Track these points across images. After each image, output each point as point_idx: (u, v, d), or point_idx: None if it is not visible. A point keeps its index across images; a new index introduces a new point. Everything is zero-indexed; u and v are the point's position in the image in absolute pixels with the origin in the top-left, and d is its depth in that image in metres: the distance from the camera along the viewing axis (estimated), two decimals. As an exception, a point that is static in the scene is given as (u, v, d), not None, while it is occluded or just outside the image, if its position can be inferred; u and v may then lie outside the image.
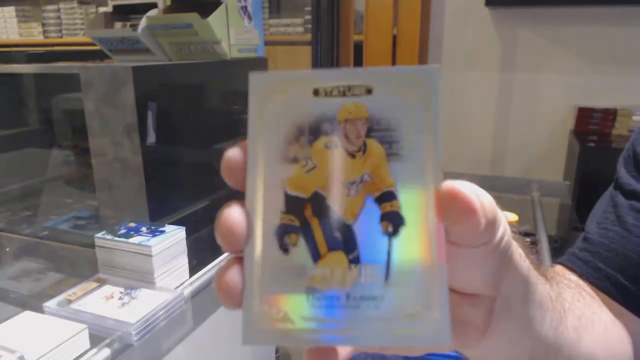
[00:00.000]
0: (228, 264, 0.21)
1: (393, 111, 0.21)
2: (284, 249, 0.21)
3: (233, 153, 0.21)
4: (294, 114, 0.21)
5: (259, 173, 0.21)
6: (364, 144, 0.21)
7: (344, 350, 0.23)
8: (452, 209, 0.20)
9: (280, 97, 0.22)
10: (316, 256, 0.21)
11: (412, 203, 0.20)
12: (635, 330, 0.44)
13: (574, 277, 0.46)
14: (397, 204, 0.20)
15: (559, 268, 0.48)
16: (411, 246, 0.20)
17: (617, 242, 0.44)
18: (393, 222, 0.20)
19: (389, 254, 0.20)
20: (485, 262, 0.23)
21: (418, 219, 0.20)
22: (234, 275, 0.21)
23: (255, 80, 0.22)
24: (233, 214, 0.21)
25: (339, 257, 0.21)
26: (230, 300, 0.21)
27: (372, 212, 0.21)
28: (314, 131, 0.21)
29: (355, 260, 0.20)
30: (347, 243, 0.21)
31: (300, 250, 0.21)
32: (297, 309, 0.20)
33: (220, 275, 0.21)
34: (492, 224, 0.22)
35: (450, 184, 0.20)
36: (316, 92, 0.21)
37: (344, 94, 0.21)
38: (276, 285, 0.20)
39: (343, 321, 0.20)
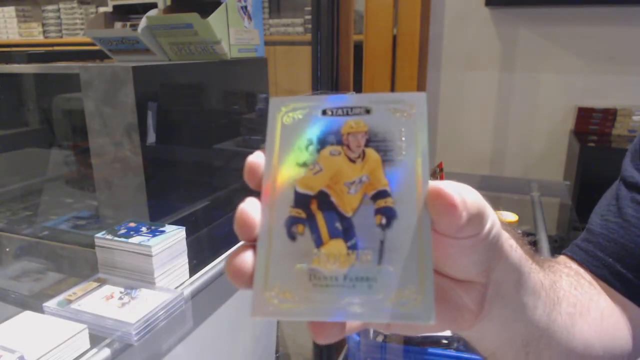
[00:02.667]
0: (240, 249, 0.24)
1: (388, 126, 0.25)
2: (292, 236, 0.24)
3: (253, 158, 0.25)
4: (305, 128, 0.26)
5: (274, 174, 0.25)
6: (363, 152, 0.25)
7: (344, 325, 0.25)
8: (436, 205, 0.23)
9: (294, 116, 0.26)
10: (319, 243, 0.24)
11: (403, 200, 0.24)
12: (633, 317, 0.44)
13: (574, 266, 0.47)
14: (391, 201, 0.24)
15: (561, 257, 0.50)
16: (401, 236, 0.23)
17: (616, 232, 0.46)
18: (386, 215, 0.24)
19: (382, 242, 0.23)
20: (475, 251, 0.26)
21: (408, 213, 0.24)
22: (246, 259, 0.24)
23: (274, 102, 0.27)
24: (248, 207, 0.24)
25: (339, 244, 0.24)
26: (241, 280, 0.24)
27: (369, 207, 0.24)
28: (321, 141, 0.25)
29: (353, 247, 0.24)
30: (346, 232, 0.24)
31: (306, 238, 0.24)
32: (301, 288, 0.23)
33: (231, 259, 0.24)
34: (477, 218, 0.24)
35: (436, 184, 0.23)
36: (324, 112, 0.26)
37: (347, 113, 0.26)
38: (283, 267, 0.24)
39: (340, 299, 0.23)
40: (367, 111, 0.26)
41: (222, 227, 1.04)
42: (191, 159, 1.04)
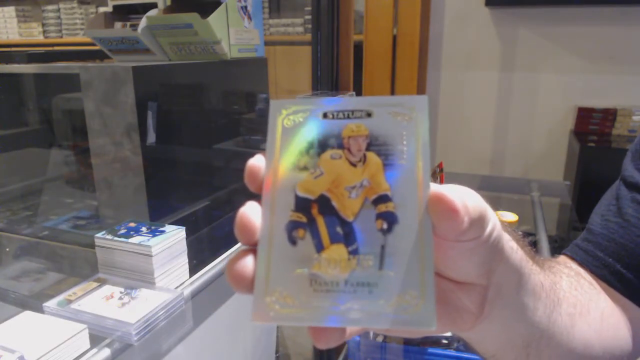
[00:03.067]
0: (241, 254, 0.24)
1: (389, 130, 0.25)
2: (292, 241, 0.24)
3: (254, 161, 0.25)
4: (305, 132, 0.26)
5: (275, 178, 0.25)
6: (364, 156, 0.25)
7: (344, 330, 0.25)
8: (438, 210, 0.23)
9: (295, 119, 0.26)
10: (320, 248, 0.24)
11: (404, 204, 0.24)
12: (633, 317, 0.44)
13: (574, 266, 0.47)
14: (392, 205, 0.24)
15: (561, 257, 0.50)
16: (402, 241, 0.23)
17: (616, 232, 0.46)
18: (387, 220, 0.24)
19: (383, 247, 0.23)
20: (476, 254, 0.26)
21: (409, 218, 0.23)
22: (246, 263, 0.23)
23: (275, 105, 0.26)
24: (248, 211, 0.24)
25: (340, 249, 0.24)
26: (242, 285, 0.23)
27: (370, 212, 0.24)
28: (322, 145, 0.25)
29: (354, 252, 0.24)
30: (347, 237, 0.24)
31: (307, 242, 0.24)
32: (302, 293, 0.23)
33: (232, 264, 0.24)
34: (479, 221, 0.24)
35: (437, 189, 0.23)
36: (325, 115, 0.26)
37: (348, 117, 0.26)
38: (284, 272, 0.23)
39: (341, 304, 0.23)
40: (368, 114, 0.25)
41: (222, 227, 1.04)
42: (191, 159, 1.04)
